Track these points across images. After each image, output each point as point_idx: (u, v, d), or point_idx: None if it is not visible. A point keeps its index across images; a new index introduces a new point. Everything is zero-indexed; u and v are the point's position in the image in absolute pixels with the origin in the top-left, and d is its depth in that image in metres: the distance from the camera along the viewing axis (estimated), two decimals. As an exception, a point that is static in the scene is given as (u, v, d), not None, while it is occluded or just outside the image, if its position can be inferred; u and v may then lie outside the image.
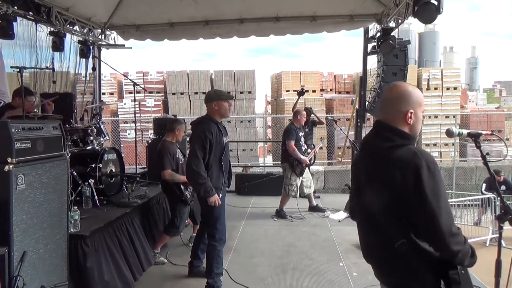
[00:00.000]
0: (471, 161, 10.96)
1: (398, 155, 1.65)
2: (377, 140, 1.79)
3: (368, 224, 1.83)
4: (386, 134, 1.74)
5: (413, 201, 1.58)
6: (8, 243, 2.46)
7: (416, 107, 1.75)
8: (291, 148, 6.00)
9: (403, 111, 1.73)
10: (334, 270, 4.24)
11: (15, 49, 5.54)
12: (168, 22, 6.93)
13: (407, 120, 1.73)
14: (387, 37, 5.80)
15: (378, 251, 1.79)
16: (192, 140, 3.50)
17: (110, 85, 11.59)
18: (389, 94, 1.82)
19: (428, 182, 1.56)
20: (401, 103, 1.74)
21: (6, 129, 2.50)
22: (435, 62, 22.37)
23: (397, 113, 1.74)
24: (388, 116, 1.78)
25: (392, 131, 1.74)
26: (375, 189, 1.72)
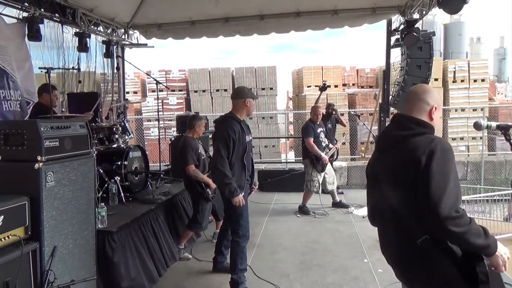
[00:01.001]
0: (500, 155, 10.61)
1: (416, 142, 1.68)
2: (396, 130, 1.82)
3: (389, 221, 1.81)
4: (406, 124, 1.78)
5: (421, 182, 1.58)
6: (39, 238, 2.54)
7: (438, 107, 1.83)
8: (309, 145, 5.96)
9: (430, 105, 1.80)
10: (359, 266, 4.20)
11: (43, 50, 5.69)
12: (189, 20, 6.99)
13: (431, 114, 1.80)
14: (411, 29, 5.68)
15: (400, 249, 1.76)
16: (215, 139, 3.52)
17: (133, 84, 11.78)
18: (417, 88, 1.91)
19: (438, 164, 1.57)
20: (428, 97, 1.82)
21: (35, 128, 2.57)
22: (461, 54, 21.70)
23: (424, 105, 1.81)
24: (412, 109, 1.83)
25: (412, 120, 1.78)
26: (396, 181, 1.71)
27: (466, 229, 1.53)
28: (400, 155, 1.71)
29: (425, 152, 1.61)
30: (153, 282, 3.75)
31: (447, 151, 1.62)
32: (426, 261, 1.63)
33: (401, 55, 6.51)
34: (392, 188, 1.72)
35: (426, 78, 6.04)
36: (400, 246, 1.75)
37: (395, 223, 1.74)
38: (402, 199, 1.68)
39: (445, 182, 1.56)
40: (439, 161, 1.58)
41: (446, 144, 1.65)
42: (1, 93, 4.69)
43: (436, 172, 1.56)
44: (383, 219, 1.86)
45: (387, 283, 3.73)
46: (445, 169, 1.58)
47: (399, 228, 1.72)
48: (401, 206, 1.69)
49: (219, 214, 4.62)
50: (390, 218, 1.77)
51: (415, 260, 1.68)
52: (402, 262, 1.80)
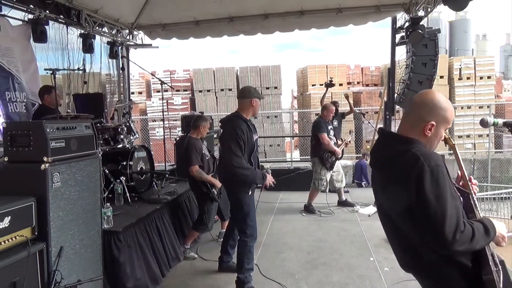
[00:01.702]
0: (507, 152, 10.54)
1: (401, 164, 1.58)
2: (382, 150, 1.74)
3: (395, 236, 1.79)
4: (389, 143, 1.70)
5: (418, 208, 1.52)
6: (46, 239, 2.55)
7: (441, 123, 1.64)
8: (325, 140, 5.90)
9: (425, 120, 1.63)
10: (365, 265, 4.18)
11: (47, 52, 5.74)
12: (194, 20, 7.00)
13: (424, 132, 1.63)
14: (416, 27, 5.64)
15: (411, 261, 1.74)
16: (225, 139, 3.49)
17: (138, 84, 11.84)
18: (418, 97, 1.72)
19: (431, 187, 1.49)
20: (426, 111, 1.64)
21: (41, 129, 2.58)
22: (467, 51, 21.54)
23: (418, 120, 1.65)
24: (407, 120, 1.71)
25: (396, 138, 1.68)
26: (391, 201, 1.67)
27: (469, 243, 1.51)
28: (390, 180, 1.64)
29: (412, 176, 1.51)
30: (156, 282, 3.76)
31: (435, 168, 1.51)
32: (435, 274, 1.62)
33: (406, 53, 6.48)
34: (390, 209, 1.70)
35: (432, 75, 6.01)
36: (408, 258, 1.74)
37: (399, 236, 1.72)
38: (402, 220, 1.65)
39: (443, 204, 1.48)
40: (430, 185, 1.48)
41: (432, 160, 1.52)
42: (7, 95, 4.73)
43: (431, 197, 1.48)
44: (388, 230, 1.84)
45: (394, 281, 3.71)
46: (438, 191, 1.49)
47: (404, 241, 1.70)
48: (402, 226, 1.66)
49: (225, 214, 4.62)
50: (394, 232, 1.75)
51: (424, 272, 1.68)
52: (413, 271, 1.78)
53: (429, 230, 1.51)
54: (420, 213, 1.52)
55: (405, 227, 1.64)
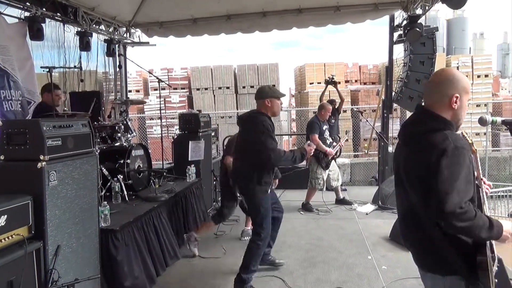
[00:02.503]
0: (504, 150, 10.56)
1: (431, 140, 1.65)
2: (414, 126, 1.80)
3: (407, 211, 1.84)
4: (423, 119, 1.76)
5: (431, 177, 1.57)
6: (43, 237, 2.54)
7: (462, 93, 1.73)
8: (315, 142, 5.93)
9: (449, 95, 1.72)
10: (363, 263, 4.19)
11: (43, 50, 5.70)
12: (191, 18, 6.98)
13: (452, 104, 1.72)
14: (413, 25, 5.65)
15: (415, 236, 1.80)
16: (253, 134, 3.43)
17: (136, 82, 11.78)
18: (435, 77, 1.84)
19: (448, 160, 1.56)
20: (447, 87, 1.73)
21: (38, 128, 2.57)
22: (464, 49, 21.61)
23: (442, 96, 1.73)
24: (431, 100, 1.77)
25: (429, 116, 1.74)
26: (410, 174, 1.72)
27: (469, 223, 1.55)
28: (414, 152, 1.71)
29: (437, 151, 1.59)
30: (153, 281, 3.75)
31: (460, 149, 1.59)
32: (434, 249, 1.69)
33: (404, 51, 6.49)
34: (409, 183, 1.75)
35: (429, 74, 6.01)
36: (413, 230, 1.80)
37: (412, 215, 1.77)
38: (416, 193, 1.70)
39: (453, 179, 1.54)
40: (449, 158, 1.56)
41: (459, 143, 1.61)
42: (2, 93, 4.69)
43: (445, 168, 1.55)
44: (404, 211, 1.89)
45: (391, 280, 3.72)
46: (454, 166, 1.56)
47: (415, 220, 1.75)
48: (416, 200, 1.72)
49: None
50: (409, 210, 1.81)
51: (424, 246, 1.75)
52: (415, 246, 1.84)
53: (434, 199, 1.56)
54: (430, 183, 1.57)
55: (418, 202, 1.70)
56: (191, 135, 5.70)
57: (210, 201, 6.14)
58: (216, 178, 6.38)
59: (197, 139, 5.61)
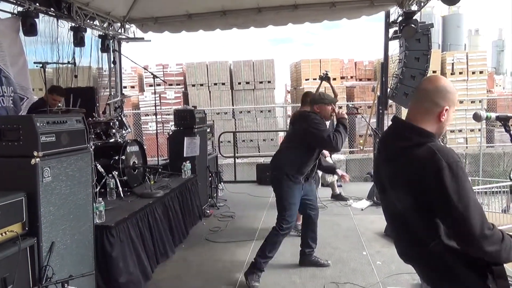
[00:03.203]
0: (499, 146, 10.64)
1: (417, 156, 1.54)
2: (395, 139, 1.69)
3: (398, 225, 1.77)
4: (403, 133, 1.65)
5: (440, 207, 1.49)
6: (37, 234, 2.52)
7: (451, 106, 1.63)
8: None
9: (440, 106, 1.61)
10: (358, 259, 4.20)
11: (36, 45, 5.66)
12: (186, 14, 6.95)
13: (440, 116, 1.61)
14: (409, 21, 5.65)
15: (414, 252, 1.72)
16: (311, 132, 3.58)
17: (131, 78, 11.74)
18: (429, 84, 1.67)
19: (452, 185, 1.44)
20: (439, 97, 1.62)
21: (31, 124, 2.55)
22: (459, 46, 21.64)
23: (433, 106, 1.62)
24: (419, 108, 1.66)
25: (411, 129, 1.63)
26: (400, 193, 1.64)
27: (498, 247, 1.46)
28: (403, 170, 1.60)
29: (430, 171, 1.48)
30: (148, 278, 3.75)
31: (454, 165, 1.48)
32: (442, 266, 1.60)
33: (399, 47, 6.49)
34: (397, 199, 1.67)
35: (425, 70, 6.02)
36: (413, 248, 1.72)
37: (404, 227, 1.70)
38: (408, 210, 1.62)
39: (466, 201, 1.45)
40: (451, 182, 1.45)
41: (450, 157, 1.49)
42: None
43: (454, 195, 1.44)
44: (394, 223, 1.82)
45: (386, 275, 3.74)
46: (460, 188, 1.45)
47: (409, 233, 1.68)
48: (408, 216, 1.64)
49: None
50: (400, 223, 1.74)
51: (429, 264, 1.66)
52: (417, 263, 1.77)
53: (455, 227, 1.48)
54: (443, 211, 1.49)
55: (413, 219, 1.62)
56: (186, 131, 5.68)
57: (205, 197, 6.14)
58: (212, 174, 6.38)
59: (193, 135, 5.60)
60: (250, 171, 9.26)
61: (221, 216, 5.81)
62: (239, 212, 5.94)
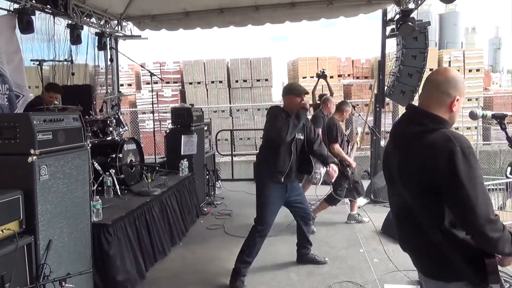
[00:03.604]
0: (495, 144, 10.68)
1: (431, 140, 1.57)
2: (410, 126, 1.71)
3: (402, 214, 1.78)
4: (419, 119, 1.67)
5: (449, 189, 1.52)
6: (34, 232, 2.52)
7: (461, 97, 1.67)
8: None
9: (451, 96, 1.65)
10: (355, 256, 4.22)
11: (33, 43, 5.62)
12: (184, 11, 6.92)
13: (451, 106, 1.65)
14: (406, 19, 5.65)
15: (414, 241, 1.75)
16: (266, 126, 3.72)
17: (128, 76, 11.70)
18: (438, 75, 1.72)
19: (464, 168, 1.48)
20: (450, 87, 1.66)
21: (28, 122, 2.54)
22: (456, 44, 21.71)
23: (444, 96, 1.66)
24: (430, 98, 1.69)
25: (426, 115, 1.66)
26: (409, 177, 1.66)
27: (500, 235, 1.50)
28: (415, 154, 1.62)
29: (444, 155, 1.51)
30: (143, 276, 3.75)
31: (467, 150, 1.51)
32: (439, 255, 1.63)
33: (396, 45, 6.50)
34: (405, 186, 1.69)
35: (422, 68, 6.03)
36: (413, 237, 1.74)
37: (409, 219, 1.71)
38: (415, 198, 1.65)
39: (475, 185, 1.49)
40: (463, 166, 1.49)
41: (464, 142, 1.52)
42: None
43: (464, 178, 1.48)
44: (399, 213, 1.83)
45: (383, 272, 3.76)
46: (471, 172, 1.49)
47: (413, 224, 1.69)
48: (414, 204, 1.66)
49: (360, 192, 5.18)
50: (405, 212, 1.75)
51: (428, 253, 1.68)
52: (417, 252, 1.79)
53: (462, 211, 1.51)
54: (452, 193, 1.52)
55: (419, 208, 1.65)
56: (183, 129, 5.68)
57: (203, 195, 6.14)
58: (209, 173, 6.38)
59: (190, 133, 5.59)
60: (248, 169, 9.26)
61: (218, 214, 5.81)
62: (236, 210, 5.94)
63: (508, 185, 7.43)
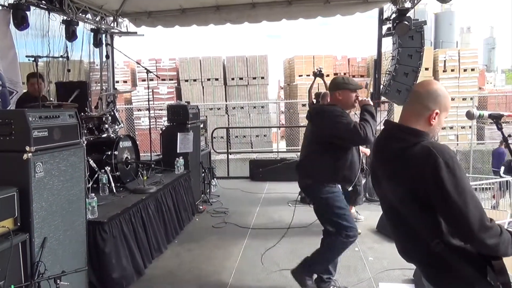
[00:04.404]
0: (489, 143, 10.76)
1: (413, 155, 1.58)
2: (390, 141, 1.72)
3: (401, 228, 1.78)
4: (398, 134, 1.69)
5: (438, 202, 1.52)
6: (29, 229, 2.51)
7: (442, 111, 1.68)
8: None
9: (430, 109, 1.66)
10: (350, 255, 4.22)
11: (26, 38, 5.57)
12: (180, 8, 6.89)
13: (430, 120, 1.66)
14: (402, 18, 5.66)
15: (415, 252, 1.74)
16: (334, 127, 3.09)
17: (123, 73, 11.64)
18: (421, 88, 1.74)
19: (449, 180, 1.48)
20: (430, 100, 1.67)
21: (23, 118, 2.52)
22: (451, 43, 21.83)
23: (422, 109, 1.67)
24: (411, 109, 1.71)
25: (404, 130, 1.68)
26: (399, 193, 1.66)
27: (498, 240, 1.50)
28: (400, 170, 1.63)
29: (426, 169, 1.51)
30: (140, 274, 3.74)
31: (450, 161, 1.51)
32: (442, 263, 1.62)
33: (392, 44, 6.51)
34: (398, 199, 1.69)
35: (417, 67, 6.05)
36: (414, 247, 1.73)
37: (404, 226, 1.71)
38: (410, 209, 1.64)
39: (464, 195, 1.48)
40: (448, 177, 1.48)
41: (446, 153, 1.52)
42: None
43: (451, 190, 1.47)
44: (396, 226, 1.82)
45: (378, 271, 3.77)
46: (457, 182, 1.49)
47: (412, 233, 1.69)
48: (410, 215, 1.65)
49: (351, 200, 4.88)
50: (402, 225, 1.74)
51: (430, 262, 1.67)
52: (419, 262, 1.78)
53: (455, 222, 1.51)
54: (442, 206, 1.52)
55: (412, 218, 1.65)
56: (179, 126, 5.66)
57: (198, 193, 6.13)
58: (205, 170, 6.37)
59: (186, 131, 5.58)
60: (243, 167, 9.26)
61: (214, 212, 5.81)
62: (232, 208, 5.94)
63: (502, 184, 7.50)
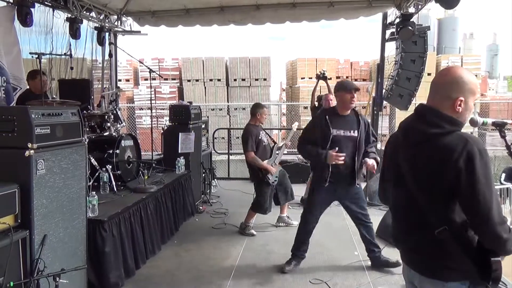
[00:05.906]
0: (490, 150, 10.73)
1: (449, 142, 1.60)
2: (422, 125, 1.71)
3: (407, 208, 1.77)
4: (433, 119, 1.67)
5: (465, 188, 1.55)
6: (29, 226, 2.51)
7: (468, 96, 1.67)
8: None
9: (452, 98, 1.66)
10: (349, 258, 4.23)
11: (30, 35, 5.57)
12: (184, 8, 6.90)
13: (455, 108, 1.66)
14: (406, 23, 5.67)
15: (416, 237, 1.75)
16: None
17: (126, 71, 11.64)
18: (439, 78, 1.74)
19: (481, 168, 1.53)
20: (451, 89, 1.66)
21: (26, 115, 2.52)
22: (454, 49, 21.78)
23: (445, 99, 1.68)
24: (435, 100, 1.71)
25: (439, 116, 1.67)
26: (424, 176, 1.67)
27: (509, 236, 1.54)
28: (432, 155, 1.64)
29: (462, 156, 1.54)
30: (138, 273, 3.74)
31: (484, 153, 1.57)
32: (442, 252, 1.64)
33: (395, 49, 6.51)
34: (418, 183, 1.69)
35: (420, 72, 6.06)
36: (416, 232, 1.74)
37: (415, 213, 1.72)
38: (428, 196, 1.65)
39: (491, 187, 1.54)
40: (481, 166, 1.53)
41: (481, 145, 1.58)
42: None
43: (482, 179, 1.52)
44: (403, 208, 1.82)
45: (377, 276, 3.77)
46: (487, 174, 1.55)
47: (419, 219, 1.70)
48: (425, 201, 1.67)
49: (281, 199, 5.00)
50: (410, 208, 1.74)
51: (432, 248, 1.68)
52: (417, 249, 1.77)
53: (477, 210, 1.54)
54: (468, 194, 1.55)
55: (426, 202, 1.66)
56: (181, 126, 5.66)
57: (198, 193, 6.13)
58: (205, 171, 6.37)
59: (187, 131, 5.58)
60: (244, 168, 9.24)
61: (214, 212, 5.81)
62: (232, 208, 5.94)
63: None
